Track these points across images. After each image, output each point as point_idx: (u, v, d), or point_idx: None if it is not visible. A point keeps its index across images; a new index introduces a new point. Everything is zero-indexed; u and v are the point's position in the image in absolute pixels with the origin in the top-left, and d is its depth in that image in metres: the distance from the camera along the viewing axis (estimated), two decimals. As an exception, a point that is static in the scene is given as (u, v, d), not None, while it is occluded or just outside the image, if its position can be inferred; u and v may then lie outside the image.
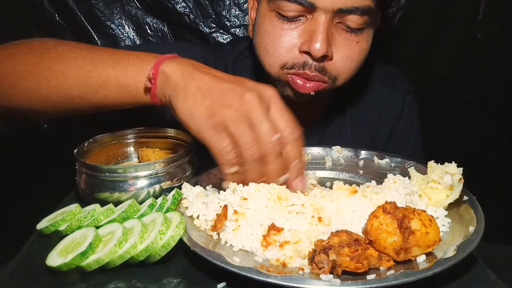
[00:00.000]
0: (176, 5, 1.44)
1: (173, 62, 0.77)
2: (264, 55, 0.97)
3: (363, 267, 0.57)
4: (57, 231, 0.72)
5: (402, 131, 1.23)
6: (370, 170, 0.93)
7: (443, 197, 0.72)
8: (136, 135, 0.96)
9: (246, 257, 0.62)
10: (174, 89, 0.75)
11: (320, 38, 0.88)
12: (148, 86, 0.77)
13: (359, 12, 0.89)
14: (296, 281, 0.54)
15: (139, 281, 0.61)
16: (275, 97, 0.73)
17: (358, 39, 0.94)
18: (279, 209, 0.67)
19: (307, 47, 0.90)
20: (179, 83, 0.74)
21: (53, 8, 1.41)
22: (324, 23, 0.89)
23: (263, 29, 0.96)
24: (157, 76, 0.76)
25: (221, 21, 1.47)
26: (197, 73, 0.75)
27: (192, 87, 0.73)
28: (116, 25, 1.45)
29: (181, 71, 0.75)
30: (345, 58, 0.94)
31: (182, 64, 0.77)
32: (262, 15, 0.96)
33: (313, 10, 0.89)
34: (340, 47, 0.93)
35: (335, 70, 0.95)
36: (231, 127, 0.69)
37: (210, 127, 0.70)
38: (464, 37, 1.51)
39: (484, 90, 1.57)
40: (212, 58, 1.13)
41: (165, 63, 0.77)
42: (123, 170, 0.78)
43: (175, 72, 0.75)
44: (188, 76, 0.74)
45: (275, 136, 0.70)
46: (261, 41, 0.97)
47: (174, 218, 0.68)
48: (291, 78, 0.95)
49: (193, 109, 0.72)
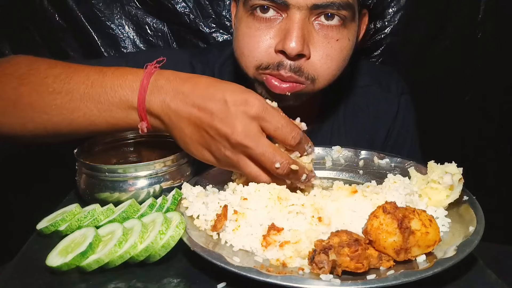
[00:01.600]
0: (176, 5, 1.43)
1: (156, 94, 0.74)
2: (241, 57, 0.96)
3: (363, 267, 0.57)
4: (57, 231, 0.72)
5: (398, 133, 1.21)
6: (370, 170, 0.93)
7: (443, 197, 0.72)
8: (136, 135, 0.96)
9: (246, 257, 0.62)
10: (167, 130, 0.76)
11: (295, 35, 0.86)
12: (143, 128, 0.77)
13: (335, 7, 0.86)
14: (296, 281, 0.54)
15: (139, 281, 0.61)
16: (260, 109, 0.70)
17: (338, 37, 0.91)
18: (279, 209, 0.67)
19: (282, 46, 0.88)
20: (169, 125, 0.75)
21: (53, 8, 1.41)
22: (298, 21, 0.86)
23: (239, 32, 0.94)
24: (147, 119, 0.76)
25: (221, 21, 1.47)
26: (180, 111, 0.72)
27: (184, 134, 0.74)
28: (116, 25, 1.45)
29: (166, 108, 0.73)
30: (325, 57, 0.91)
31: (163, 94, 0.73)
32: (239, 18, 0.95)
33: (287, 8, 0.87)
34: (319, 45, 0.90)
35: (314, 70, 0.92)
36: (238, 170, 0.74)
37: (199, 147, 0.74)
38: (464, 37, 1.51)
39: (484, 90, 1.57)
40: (199, 65, 1.12)
41: (148, 100, 0.74)
42: (123, 170, 0.78)
43: (162, 110, 0.74)
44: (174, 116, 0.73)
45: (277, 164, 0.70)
46: (237, 43, 0.95)
47: (174, 218, 0.68)
48: (266, 78, 0.93)
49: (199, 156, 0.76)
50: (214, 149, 0.72)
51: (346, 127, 1.17)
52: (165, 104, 0.73)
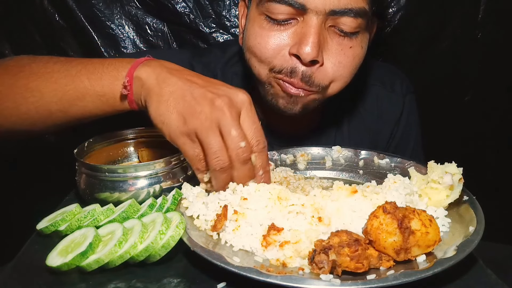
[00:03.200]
0: (176, 5, 1.44)
1: (147, 67, 0.78)
2: (252, 58, 0.94)
3: (363, 267, 0.57)
4: (57, 231, 0.72)
5: (401, 135, 1.20)
6: (370, 170, 0.93)
7: (443, 197, 0.72)
8: (136, 135, 0.96)
9: (246, 257, 0.62)
10: (148, 94, 0.76)
11: (311, 41, 0.85)
12: (124, 93, 0.78)
13: (352, 14, 0.86)
14: (296, 281, 0.54)
15: (139, 281, 0.61)
16: (247, 103, 0.73)
17: (351, 44, 0.90)
18: (279, 209, 0.67)
19: (296, 50, 0.86)
20: (153, 88, 0.75)
21: (53, 8, 1.41)
22: (315, 26, 0.85)
23: (252, 32, 0.92)
24: (132, 82, 0.77)
25: (221, 21, 1.47)
26: (170, 78, 0.75)
27: (165, 93, 0.74)
28: (116, 25, 1.45)
29: (155, 75, 0.76)
30: (337, 65, 0.90)
31: (156, 67, 0.77)
32: (251, 19, 0.93)
33: (304, 12, 0.85)
34: (332, 52, 0.89)
35: (326, 77, 0.91)
36: (200, 135, 0.70)
37: (182, 134, 0.72)
38: (464, 37, 1.51)
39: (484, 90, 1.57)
40: (199, 66, 1.10)
41: (139, 68, 0.78)
42: (123, 170, 0.78)
43: (149, 76, 0.76)
44: (162, 81, 0.75)
45: (242, 143, 0.70)
46: (249, 44, 0.93)
47: (174, 218, 0.68)
48: (279, 83, 0.92)
49: (166, 116, 0.73)
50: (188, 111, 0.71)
51: (350, 128, 1.16)
52: (156, 70, 0.77)
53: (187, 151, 0.73)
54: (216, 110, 0.70)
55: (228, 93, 0.73)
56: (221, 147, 0.70)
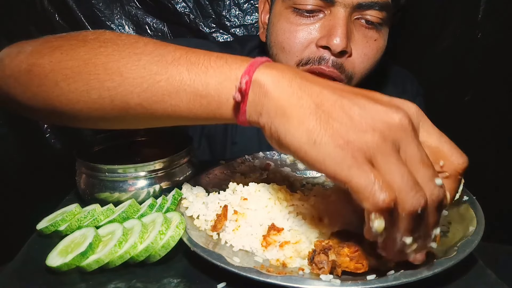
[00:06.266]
0: (176, 5, 1.44)
1: (271, 69, 0.56)
2: (280, 53, 0.95)
3: (363, 267, 0.57)
4: (57, 231, 0.72)
5: None
6: (370, 170, 0.93)
7: (443, 197, 0.71)
8: (136, 135, 0.96)
9: (246, 257, 0.62)
10: (278, 106, 0.53)
11: (340, 32, 0.87)
12: (237, 100, 0.56)
13: (378, 7, 0.88)
14: (296, 281, 0.54)
15: (139, 281, 0.61)
16: (422, 115, 0.54)
17: (376, 37, 0.92)
18: (279, 209, 0.67)
19: (325, 42, 0.88)
20: (287, 99, 0.53)
21: (53, 8, 1.41)
22: (343, 18, 0.87)
23: (279, 27, 0.93)
24: (249, 86, 0.55)
25: (221, 21, 1.47)
26: (310, 85, 0.53)
27: (309, 105, 0.52)
28: (116, 25, 1.45)
29: (286, 81, 0.54)
30: (363, 56, 0.92)
31: (285, 72, 0.55)
32: (277, 14, 0.94)
33: (332, 5, 0.87)
34: (358, 44, 0.91)
35: (353, 68, 0.92)
36: (379, 159, 0.49)
37: (347, 157, 0.49)
38: (464, 37, 1.51)
39: (484, 90, 1.57)
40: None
41: (260, 69, 0.56)
42: (123, 170, 0.78)
43: (278, 82, 0.54)
44: (299, 89, 0.53)
45: (438, 180, 0.51)
46: (276, 39, 0.94)
47: (174, 218, 0.68)
48: (310, 69, 0.91)
49: (317, 134, 0.50)
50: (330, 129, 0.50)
51: None
52: (285, 75, 0.55)
53: (359, 179, 0.48)
54: (396, 128, 0.49)
55: (399, 105, 0.53)
56: (414, 182, 0.49)
